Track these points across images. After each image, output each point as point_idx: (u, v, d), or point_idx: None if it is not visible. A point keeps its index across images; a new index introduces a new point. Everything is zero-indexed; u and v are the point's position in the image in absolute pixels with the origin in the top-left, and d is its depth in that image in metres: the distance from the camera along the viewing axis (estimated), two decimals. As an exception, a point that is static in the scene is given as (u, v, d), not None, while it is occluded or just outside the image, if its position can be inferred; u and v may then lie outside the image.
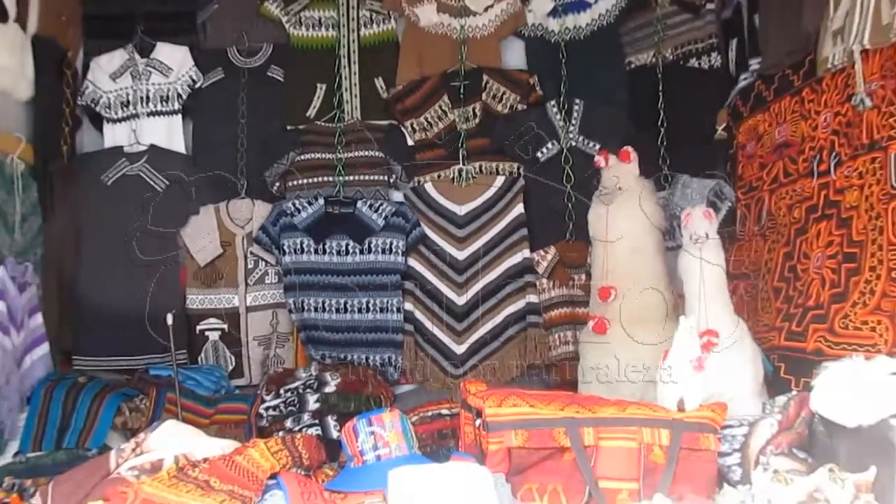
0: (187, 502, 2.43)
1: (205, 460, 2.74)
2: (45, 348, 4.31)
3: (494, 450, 2.78)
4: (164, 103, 4.90)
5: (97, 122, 4.95)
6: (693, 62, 4.81)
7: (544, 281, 4.69)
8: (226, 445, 2.92)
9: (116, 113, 4.89)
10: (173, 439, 2.91)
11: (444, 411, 4.33)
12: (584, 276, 4.61)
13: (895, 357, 2.86)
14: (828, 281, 3.52)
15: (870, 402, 2.64)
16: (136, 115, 4.88)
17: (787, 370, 3.60)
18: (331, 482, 2.91)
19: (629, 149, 4.12)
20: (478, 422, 2.93)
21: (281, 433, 3.95)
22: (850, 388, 2.72)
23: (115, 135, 4.89)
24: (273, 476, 2.76)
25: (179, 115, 4.93)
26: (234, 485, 2.60)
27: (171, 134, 4.91)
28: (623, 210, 4.01)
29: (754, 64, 4.35)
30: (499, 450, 2.78)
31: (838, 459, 2.61)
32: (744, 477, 2.87)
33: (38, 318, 4.29)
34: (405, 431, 2.97)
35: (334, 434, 4.01)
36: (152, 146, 4.81)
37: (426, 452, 3.07)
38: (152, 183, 4.75)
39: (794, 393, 3.16)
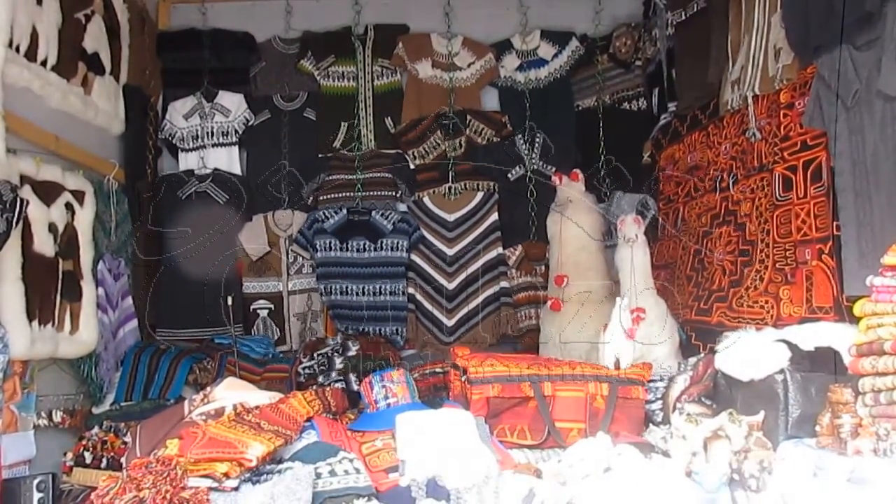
0: (243, 439, 2.38)
1: (256, 407, 2.69)
2: (134, 323, 4.24)
3: (476, 399, 2.77)
4: (225, 137, 4.84)
5: (173, 151, 4.89)
6: (625, 105, 4.80)
7: (513, 271, 4.66)
8: (272, 396, 2.88)
9: (188, 144, 4.83)
10: (232, 392, 2.86)
11: (438, 370, 4.25)
12: (543, 268, 4.57)
13: (779, 328, 2.84)
14: (727, 270, 3.50)
15: (759, 361, 2.62)
16: (203, 146, 4.82)
17: (696, 338, 3.58)
18: (352, 424, 2.88)
19: (578, 171, 4.12)
20: (463, 378, 2.90)
21: (314, 387, 3.90)
22: (745, 352, 2.71)
23: (187, 161, 4.83)
24: (308, 419, 2.73)
25: (236, 146, 4.87)
26: (279, 426, 2.56)
27: (230, 160, 4.85)
28: (573, 216, 3.99)
29: (672, 106, 4.32)
30: (480, 399, 2.77)
31: (736, 406, 2.60)
32: (664, 419, 2.85)
33: (129, 300, 4.23)
34: (409, 385, 2.93)
35: (355, 387, 3.96)
36: (216, 170, 4.76)
37: (424, 401, 3.01)
38: (216, 197, 4.69)
39: (702, 355, 3.14)
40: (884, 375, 2.17)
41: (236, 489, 2.25)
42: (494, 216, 4.69)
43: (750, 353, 2.69)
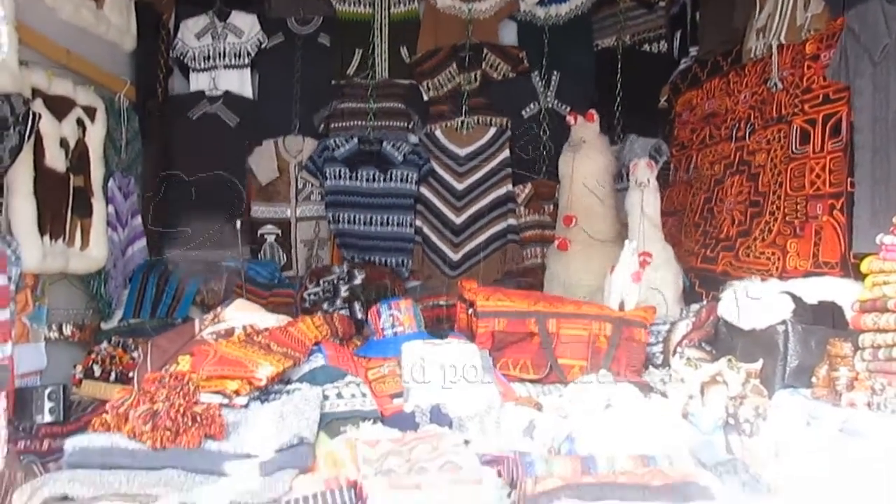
0: (254, 359, 2.45)
1: (266, 329, 2.75)
2: (142, 242, 4.27)
3: (482, 332, 2.81)
4: (237, 59, 4.76)
5: (185, 71, 4.82)
6: (646, 47, 4.71)
7: (522, 209, 4.67)
8: (281, 319, 2.94)
9: (200, 64, 4.75)
10: (242, 313, 2.92)
11: (441, 302, 4.35)
12: (551, 207, 4.58)
13: (783, 280, 2.88)
14: (736, 220, 3.51)
15: (762, 312, 2.66)
16: (214, 67, 4.74)
17: (700, 285, 3.61)
18: (358, 349, 2.94)
19: (593, 111, 4.07)
20: (470, 311, 2.95)
21: (319, 313, 3.97)
22: (748, 301, 2.74)
23: (198, 81, 4.76)
24: (316, 343, 2.79)
25: (248, 69, 4.79)
26: (288, 348, 2.62)
27: (241, 83, 4.77)
28: (585, 158, 3.98)
29: (693, 51, 4.27)
30: (485, 332, 2.81)
31: (735, 353, 2.64)
32: (664, 361, 2.91)
33: (138, 219, 4.25)
34: (415, 315, 2.98)
35: (359, 315, 4.04)
36: (227, 92, 4.69)
37: (429, 332, 3.06)
38: (226, 120, 4.65)
39: (705, 302, 3.18)
40: (885, 332, 2.22)
41: (245, 406, 2.32)
42: (506, 153, 4.67)
43: (753, 302, 2.72)
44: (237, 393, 2.32)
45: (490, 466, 1.96)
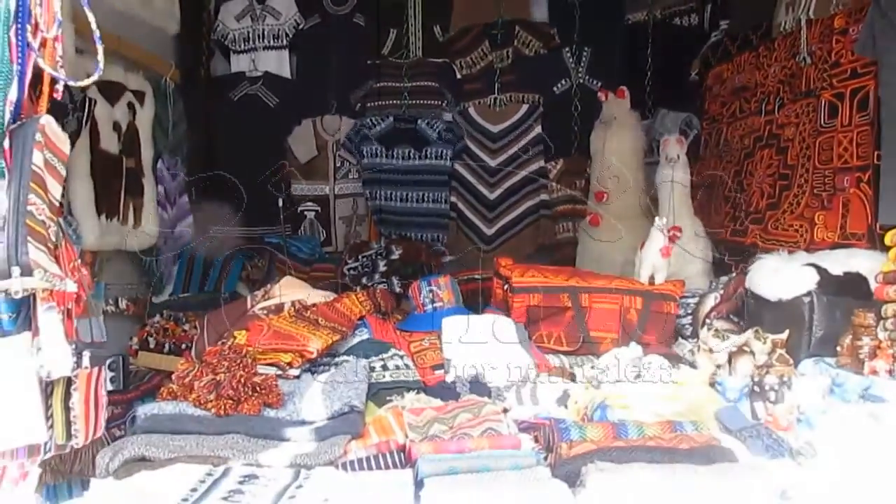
0: (303, 333, 2.61)
1: (314, 305, 2.91)
2: (189, 220, 4.44)
3: (517, 306, 2.94)
4: (276, 40, 4.88)
5: (225, 53, 4.96)
6: (676, 21, 4.72)
7: (554, 184, 4.75)
8: (327, 295, 3.09)
9: (240, 46, 4.89)
10: (290, 290, 3.08)
11: (476, 276, 4.46)
12: (583, 182, 4.64)
13: (811, 252, 2.95)
14: (765, 193, 3.56)
15: (789, 283, 2.74)
16: (254, 49, 4.87)
17: (730, 258, 3.64)
18: (400, 324, 3.08)
19: (624, 88, 4.12)
20: (506, 286, 3.07)
21: (358, 287, 4.12)
22: (776, 273, 2.82)
23: (239, 63, 4.90)
24: (361, 318, 2.94)
25: (287, 50, 4.91)
26: (335, 323, 2.78)
27: (280, 63, 4.90)
28: (617, 134, 4.05)
29: (724, 24, 4.27)
30: (521, 306, 2.94)
31: (762, 324, 2.71)
32: (693, 333, 3.01)
33: (185, 198, 4.42)
34: (454, 291, 3.11)
35: (396, 289, 4.18)
36: (266, 73, 4.83)
37: (467, 306, 3.19)
38: (266, 100, 4.80)
39: (733, 274, 3.24)
40: (907, 303, 2.30)
41: (298, 377, 2.49)
42: (538, 129, 4.74)
43: (780, 274, 2.80)
44: (290, 365, 2.49)
45: (527, 433, 2.10)
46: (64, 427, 1.26)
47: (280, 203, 4.41)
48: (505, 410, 2.22)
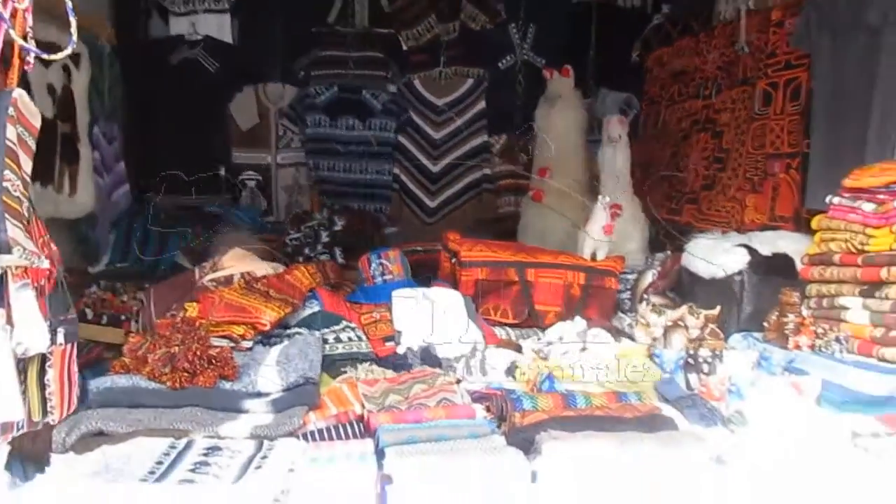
0: (256, 305, 2.62)
1: (264, 277, 2.91)
2: (126, 187, 4.36)
3: (465, 280, 3.00)
4: (217, 3, 4.77)
5: (164, 15, 4.82)
6: (620, 2, 4.85)
7: (496, 159, 4.84)
8: (276, 267, 3.10)
9: (179, 8, 4.76)
10: (239, 261, 3.06)
11: (419, 248, 4.52)
12: (525, 157, 4.75)
13: (742, 233, 3.12)
14: (700, 175, 3.74)
15: (721, 262, 2.90)
16: (194, 11, 4.75)
17: (665, 236, 3.80)
18: (350, 296, 3.09)
19: (569, 67, 4.20)
20: (454, 260, 3.14)
21: (300, 258, 4.13)
22: (710, 252, 2.98)
23: (178, 25, 4.78)
24: (311, 290, 2.96)
25: (228, 14, 4.81)
26: (286, 295, 2.78)
27: (221, 28, 4.80)
28: (561, 112, 4.13)
29: (666, 8, 4.41)
30: (468, 280, 3.01)
31: (696, 300, 2.85)
32: (632, 307, 3.15)
33: (121, 165, 4.32)
34: (404, 264, 3.15)
35: (339, 260, 4.20)
36: (207, 36, 4.73)
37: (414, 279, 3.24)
38: (206, 65, 4.70)
39: (669, 253, 3.40)
40: (829, 283, 2.48)
41: (250, 349, 2.51)
42: (482, 103, 4.82)
43: (713, 253, 2.95)
44: (243, 337, 2.51)
45: (479, 403, 2.19)
46: (40, 404, 1.27)
47: (222, 172, 4.34)
48: (458, 381, 2.30)
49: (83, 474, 1.63)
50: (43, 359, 1.27)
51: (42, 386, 1.26)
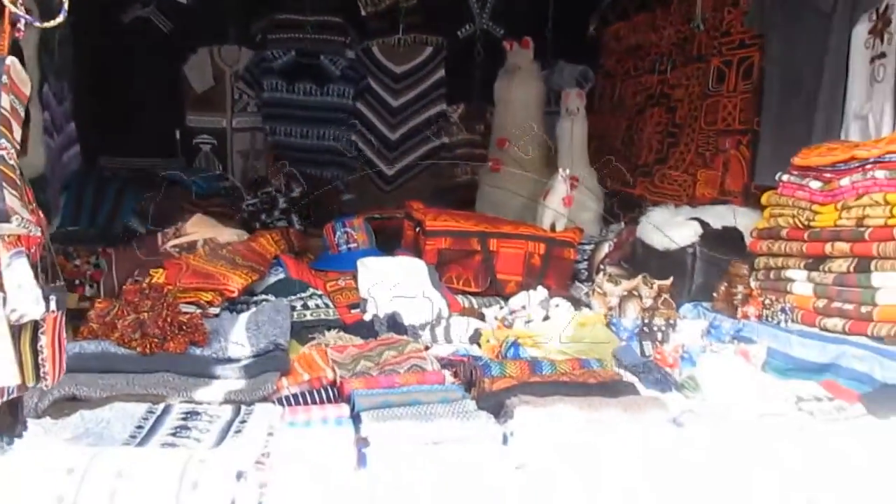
0: (222, 272, 2.63)
1: (228, 244, 2.92)
2: (77, 149, 4.27)
3: (429, 249, 3.06)
4: (170, -40, 4.65)
5: (116, -30, 4.66)
6: (577, -25, 4.89)
7: (454, 128, 4.87)
8: (240, 234, 3.10)
9: (132, -36, 4.62)
10: (202, 227, 3.06)
11: (377, 216, 4.56)
12: (482, 127, 4.81)
13: (693, 206, 3.25)
14: (654, 149, 3.86)
15: (674, 235, 3.02)
16: (147, -32, 4.63)
17: (619, 207, 3.94)
18: (315, 263, 3.13)
19: (528, 38, 4.26)
20: (417, 229, 3.19)
21: (258, 224, 4.12)
22: (664, 225, 3.09)
23: (130, -18, 4.64)
24: (275, 257, 2.98)
25: (181, -29, 4.69)
26: (252, 262, 2.80)
27: (175, -14, 4.68)
28: (521, 83, 4.19)
29: (623, -17, 4.48)
30: (432, 249, 3.07)
31: (650, 271, 2.96)
32: (589, 277, 3.26)
33: (72, 125, 4.22)
34: (368, 232, 3.20)
35: (297, 226, 4.20)
36: (160, -5, 4.61)
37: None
38: (160, 24, 4.59)
39: (624, 225, 3.52)
40: (776, 256, 2.62)
41: (217, 316, 2.53)
42: (441, 72, 4.83)
43: (667, 226, 3.08)
44: (210, 304, 2.53)
45: (446, 370, 2.27)
46: (33, 369, 1.28)
47: (177, 135, 4.27)
48: (427, 348, 2.37)
49: (63, 439, 1.64)
50: (35, 326, 1.29)
51: (35, 352, 1.27)
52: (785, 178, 2.63)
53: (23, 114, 1.34)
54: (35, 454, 1.46)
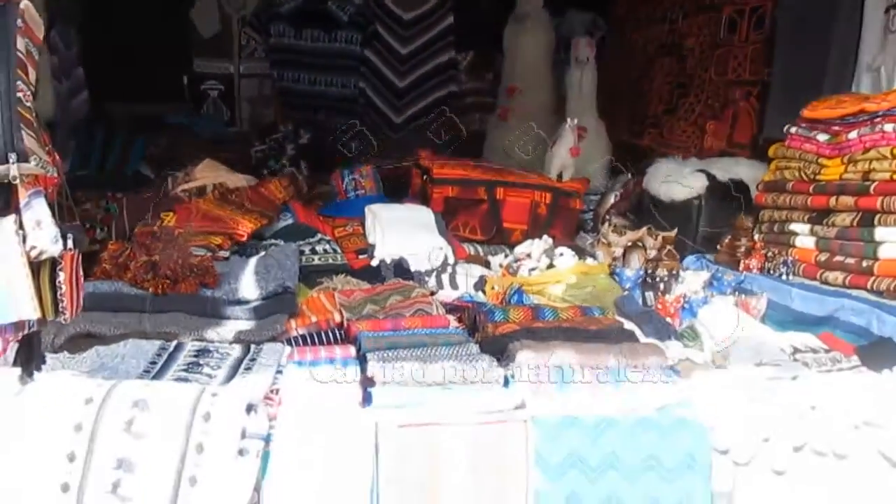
0: (233, 216, 2.68)
1: (237, 189, 2.96)
2: (85, 94, 4.28)
3: (436, 196, 3.09)
4: None
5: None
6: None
7: (463, 76, 4.84)
8: (249, 179, 3.14)
9: None
10: (211, 172, 3.10)
11: (385, 164, 4.57)
12: (491, 76, 4.77)
13: (701, 158, 3.25)
14: (663, 99, 3.84)
15: (681, 186, 3.05)
16: None
17: (627, 158, 3.92)
18: (322, 209, 3.17)
19: (539, -15, 4.22)
20: (425, 177, 3.22)
21: (266, 170, 4.15)
22: (670, 176, 3.12)
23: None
24: (284, 203, 3.02)
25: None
26: (261, 207, 2.85)
27: (181, -72, 4.62)
28: (531, 31, 4.16)
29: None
30: (439, 197, 3.10)
31: (655, 222, 3.00)
32: (594, 227, 3.30)
33: (80, 71, 4.23)
34: (376, 179, 3.23)
35: (305, 173, 4.23)
36: (166, -64, 4.55)
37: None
38: (167, -32, 4.55)
39: (630, 175, 3.50)
40: (781, 209, 2.63)
41: (227, 259, 2.59)
42: (450, 19, 4.77)
43: (674, 178, 3.09)
44: (220, 247, 2.58)
45: (451, 315, 2.32)
46: (52, 305, 1.34)
47: (185, 80, 4.27)
48: (432, 294, 2.42)
49: (80, 372, 1.71)
50: (53, 263, 1.33)
51: (54, 288, 1.33)
52: (793, 130, 2.63)
53: (37, 57, 1.36)
54: (55, 385, 1.52)
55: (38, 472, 1.38)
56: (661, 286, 2.67)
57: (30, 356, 1.71)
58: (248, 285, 2.38)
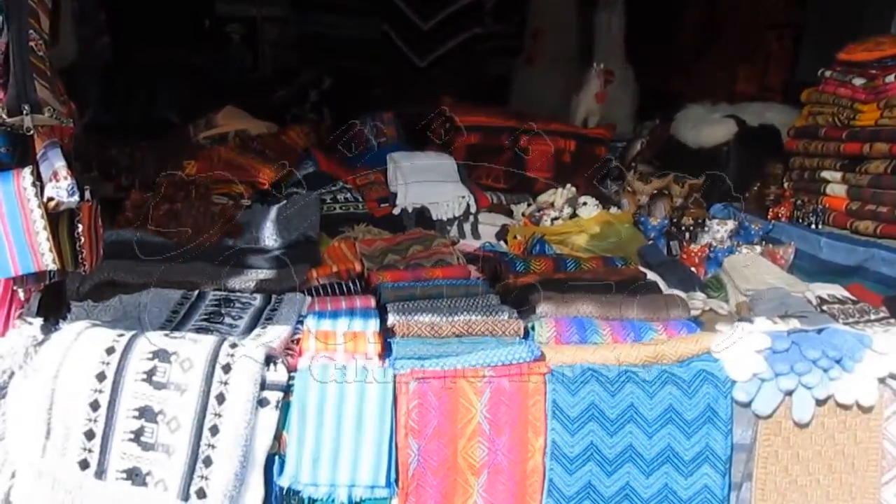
0: (253, 164, 2.66)
1: (258, 136, 2.94)
2: (107, 39, 4.20)
3: (459, 144, 3.04)
4: None
5: None
6: None
7: (488, 18, 4.72)
8: (270, 126, 3.11)
9: None
10: (233, 119, 3.07)
11: (408, 110, 4.51)
12: (517, 19, 4.64)
13: (731, 104, 3.16)
14: (694, 43, 3.72)
15: (710, 133, 2.97)
16: None
17: (656, 104, 3.83)
18: (344, 157, 3.14)
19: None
20: (447, 124, 3.15)
21: (288, 116, 4.10)
22: (699, 122, 3.04)
23: None
24: (305, 150, 2.99)
25: None
26: (282, 154, 2.83)
27: None
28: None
29: None
30: (461, 144, 3.05)
31: (682, 169, 2.90)
32: (620, 175, 3.22)
33: (102, 15, 4.14)
34: (397, 127, 3.19)
35: (328, 120, 4.19)
36: None
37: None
38: None
39: (657, 122, 3.42)
40: (812, 156, 2.56)
41: (249, 208, 2.58)
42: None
43: (703, 124, 3.02)
44: (242, 195, 2.57)
45: (471, 264, 2.30)
46: (71, 255, 1.34)
47: (206, 24, 4.20)
48: (454, 243, 2.40)
49: (104, 321, 1.73)
50: (72, 214, 1.33)
51: (73, 239, 1.33)
52: (828, 73, 2.54)
53: (49, 4, 1.33)
54: (79, 334, 1.54)
55: (62, 419, 1.40)
56: (687, 235, 2.63)
57: (54, 305, 1.73)
58: (270, 234, 2.38)
